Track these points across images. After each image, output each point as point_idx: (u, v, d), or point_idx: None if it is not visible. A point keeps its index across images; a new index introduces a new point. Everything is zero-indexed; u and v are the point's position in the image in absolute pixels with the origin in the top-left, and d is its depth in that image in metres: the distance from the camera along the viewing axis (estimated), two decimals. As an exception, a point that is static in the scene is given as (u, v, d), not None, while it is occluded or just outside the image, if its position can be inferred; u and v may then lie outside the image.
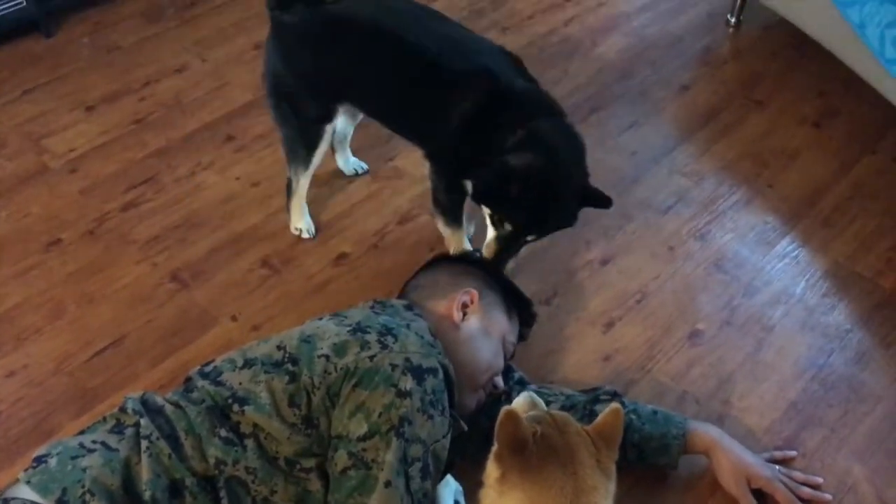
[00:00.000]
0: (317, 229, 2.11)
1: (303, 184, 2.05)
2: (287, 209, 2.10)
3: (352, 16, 1.84)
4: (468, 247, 1.97)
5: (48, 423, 1.73)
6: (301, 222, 2.11)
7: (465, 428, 1.45)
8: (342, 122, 2.12)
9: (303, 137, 1.98)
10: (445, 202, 1.91)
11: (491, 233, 1.79)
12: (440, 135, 1.80)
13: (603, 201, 1.75)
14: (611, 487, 1.25)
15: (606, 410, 1.29)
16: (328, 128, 1.96)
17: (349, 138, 2.22)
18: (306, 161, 2.00)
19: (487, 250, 1.79)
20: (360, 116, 2.11)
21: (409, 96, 1.85)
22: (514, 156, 1.69)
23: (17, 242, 2.10)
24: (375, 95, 1.92)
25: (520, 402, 1.36)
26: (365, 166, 2.28)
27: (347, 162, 2.27)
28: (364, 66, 1.86)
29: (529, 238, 1.78)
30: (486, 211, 1.76)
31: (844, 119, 2.42)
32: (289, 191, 2.07)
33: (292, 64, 1.90)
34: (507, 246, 1.78)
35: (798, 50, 2.65)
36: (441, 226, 1.96)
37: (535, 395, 1.38)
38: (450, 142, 1.79)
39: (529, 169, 1.67)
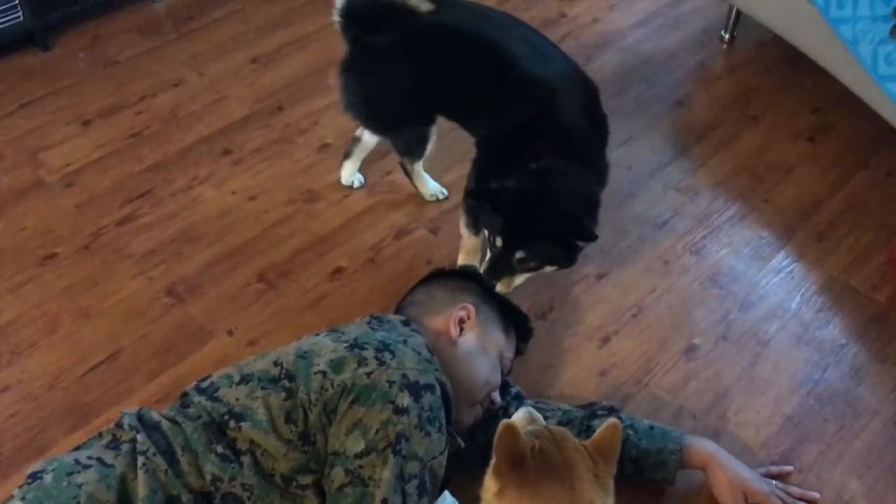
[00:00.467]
0: (314, 243, 2.11)
1: (417, 167, 2.15)
2: (414, 187, 2.21)
3: (450, 25, 1.88)
4: (475, 259, 1.99)
5: (42, 438, 1.72)
6: (428, 189, 2.22)
7: (462, 445, 1.45)
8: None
9: (412, 142, 2.06)
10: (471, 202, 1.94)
11: (491, 250, 1.81)
12: (493, 128, 1.88)
13: (588, 237, 1.78)
14: (608, 502, 1.25)
15: (604, 426, 1.30)
16: (433, 128, 2.02)
17: (370, 151, 2.23)
18: (420, 155, 2.09)
19: (483, 268, 1.81)
20: None
21: (486, 95, 1.89)
22: (522, 181, 1.76)
23: (12, 256, 2.10)
24: (463, 98, 1.95)
25: (519, 416, 1.36)
26: (363, 180, 2.29)
27: (354, 172, 2.27)
28: (459, 72, 1.89)
29: (518, 256, 1.78)
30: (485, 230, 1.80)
31: (838, 134, 2.44)
32: (406, 173, 2.18)
33: (388, 82, 1.94)
34: (497, 262, 1.79)
35: (792, 66, 2.67)
36: (462, 226, 2.00)
37: (533, 411, 1.38)
38: (497, 139, 1.87)
39: (525, 193, 1.76)
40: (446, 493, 1.51)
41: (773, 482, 1.56)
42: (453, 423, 1.43)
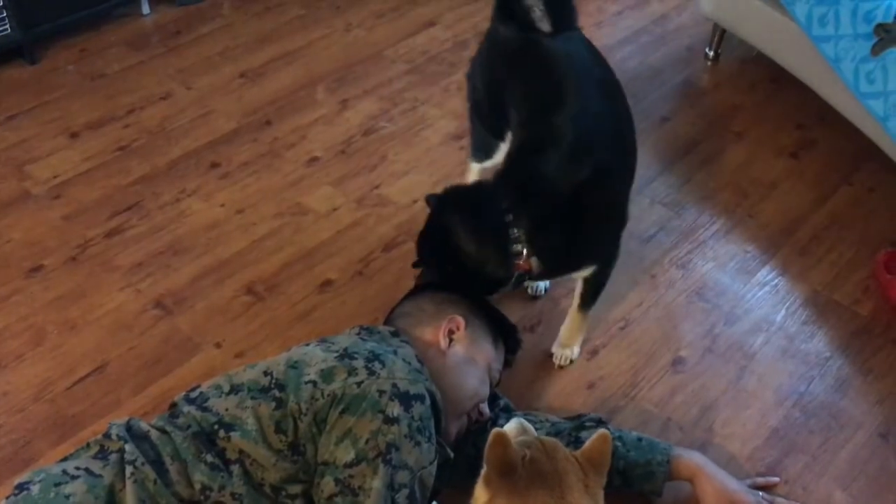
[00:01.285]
0: (302, 256, 2.11)
1: (473, 168, 2.07)
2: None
3: (545, 49, 1.75)
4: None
5: (28, 450, 1.71)
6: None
7: (452, 455, 1.45)
8: None
9: (480, 140, 2.00)
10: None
11: None
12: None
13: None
14: None
15: (595, 436, 1.30)
16: (502, 145, 1.88)
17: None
18: (478, 160, 2.02)
19: None
20: None
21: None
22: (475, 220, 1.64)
23: (-2, 268, 2.09)
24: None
25: (511, 427, 1.36)
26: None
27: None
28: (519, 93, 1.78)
29: None
30: None
31: (821, 150, 2.47)
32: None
33: (488, 73, 1.90)
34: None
35: (775, 83, 2.71)
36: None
37: (525, 422, 1.39)
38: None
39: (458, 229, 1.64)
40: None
41: (760, 493, 1.58)
42: (441, 434, 1.43)
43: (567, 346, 1.88)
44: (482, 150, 2.00)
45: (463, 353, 1.56)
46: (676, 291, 2.05)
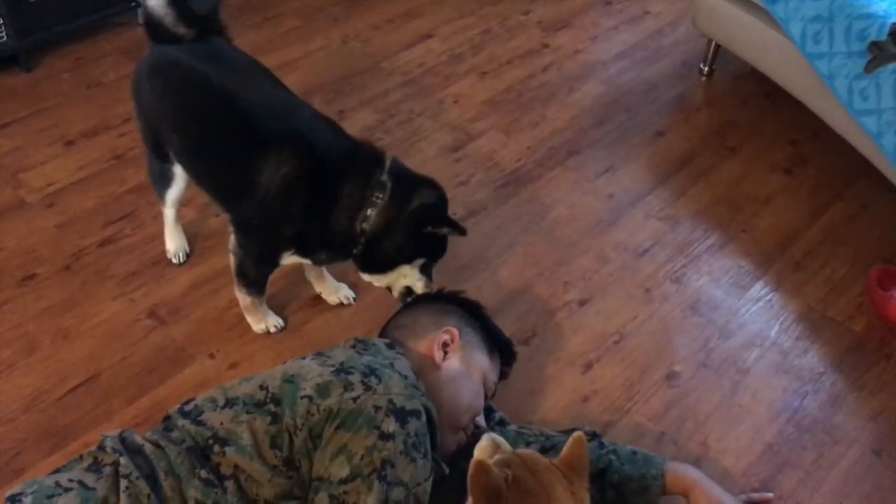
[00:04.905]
0: (296, 269, 2.10)
1: (166, 213, 2.08)
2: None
3: (179, 60, 1.79)
4: (272, 316, 1.96)
5: (19, 461, 1.69)
6: (169, 244, 2.13)
7: (447, 471, 1.45)
8: None
9: (154, 173, 2.01)
10: (255, 276, 1.86)
11: (419, 280, 1.80)
12: (251, 201, 1.71)
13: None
14: None
15: (570, 441, 1.30)
16: (175, 169, 1.93)
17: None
18: (161, 197, 2.03)
19: (429, 288, 1.80)
20: None
21: (215, 155, 1.79)
22: (414, 199, 1.71)
23: (-10, 277, 2.08)
24: (186, 146, 1.85)
25: (484, 447, 1.35)
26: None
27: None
28: (177, 113, 1.81)
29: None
30: (417, 264, 1.77)
31: (814, 166, 2.49)
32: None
33: (138, 100, 1.91)
34: (430, 275, 1.82)
35: (769, 99, 2.73)
36: (242, 295, 1.90)
37: (497, 437, 1.37)
38: (263, 211, 1.72)
39: (439, 196, 1.76)
40: (429, 520, 1.51)
41: (754, 509, 1.58)
42: (437, 449, 1.43)
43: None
44: (160, 179, 2.01)
45: (458, 365, 1.56)
46: (671, 305, 2.06)
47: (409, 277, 1.80)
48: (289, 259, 1.80)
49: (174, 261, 2.11)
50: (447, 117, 2.64)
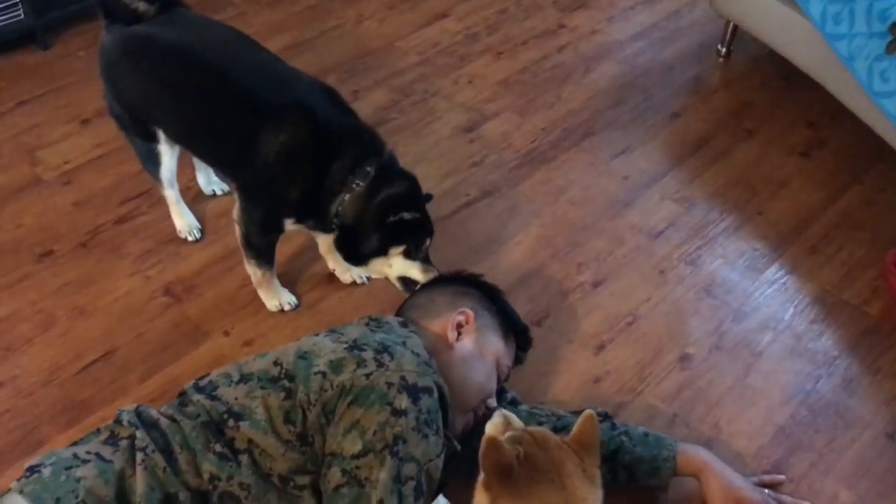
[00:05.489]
0: (310, 247, 2.11)
1: (167, 195, 2.09)
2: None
3: (156, 37, 1.82)
4: (285, 293, 1.97)
5: (36, 434, 1.72)
6: (178, 223, 2.14)
7: (458, 448, 1.45)
8: None
9: (144, 156, 2.02)
10: (260, 244, 1.88)
11: (411, 266, 1.82)
12: (253, 168, 1.76)
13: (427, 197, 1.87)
14: (599, 494, 1.26)
15: (581, 419, 1.31)
16: (160, 148, 1.96)
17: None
18: (156, 177, 2.04)
19: (427, 275, 1.81)
20: None
21: (217, 125, 1.82)
22: (384, 190, 1.74)
23: (8, 253, 2.10)
24: (181, 121, 1.88)
25: (496, 423, 1.36)
26: (226, 188, 2.26)
27: (209, 181, 2.26)
28: (168, 91, 1.84)
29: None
30: (396, 252, 1.79)
31: (832, 149, 2.46)
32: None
33: (111, 84, 1.92)
34: (429, 260, 1.84)
35: (787, 81, 2.70)
36: (252, 268, 1.92)
37: (509, 413, 1.38)
38: (266, 177, 1.76)
39: (411, 186, 1.78)
40: (441, 497, 1.52)
41: (766, 491, 1.57)
42: (448, 427, 1.43)
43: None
44: (150, 161, 2.02)
45: (471, 346, 1.56)
46: (685, 288, 2.05)
47: (395, 267, 1.81)
48: (291, 226, 1.82)
49: (188, 238, 2.12)
50: (461, 97, 2.64)
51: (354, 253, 1.82)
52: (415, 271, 1.82)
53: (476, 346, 1.56)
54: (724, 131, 2.53)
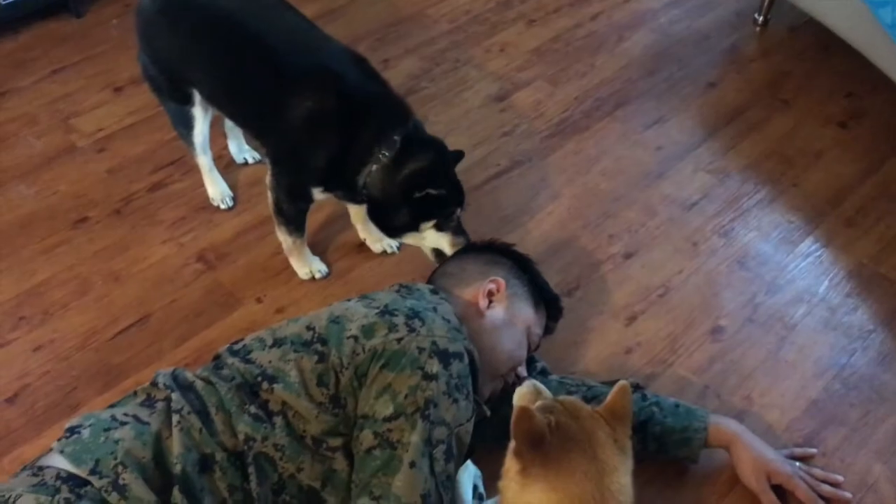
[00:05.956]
0: (341, 215, 2.12)
1: (201, 161, 2.09)
2: None
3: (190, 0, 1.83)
4: (316, 262, 1.97)
5: (74, 397, 1.75)
6: (212, 191, 2.15)
7: (488, 413, 1.46)
8: None
9: (177, 120, 2.02)
10: (290, 211, 1.88)
11: (442, 238, 1.80)
12: (280, 134, 1.77)
13: (459, 154, 1.85)
14: (629, 464, 1.26)
15: (614, 389, 1.30)
16: (194, 111, 1.96)
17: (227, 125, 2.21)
18: (190, 142, 2.04)
19: (457, 247, 1.79)
20: None
21: (248, 88, 1.82)
22: (410, 163, 1.72)
23: (45, 219, 2.13)
24: (216, 83, 1.89)
25: (524, 393, 1.35)
26: (258, 156, 2.26)
27: (240, 150, 2.26)
28: (203, 51, 1.85)
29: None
30: (428, 225, 1.78)
31: (871, 120, 2.41)
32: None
33: (148, 46, 1.92)
34: (463, 231, 1.81)
35: (826, 50, 2.64)
36: (283, 235, 1.93)
37: (538, 383, 1.37)
38: (292, 143, 1.77)
39: (437, 158, 1.75)
40: (469, 462, 1.52)
41: (797, 464, 1.57)
42: (478, 392, 1.44)
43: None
44: (182, 125, 2.01)
45: (502, 314, 1.56)
46: (718, 260, 2.03)
47: (428, 240, 1.81)
48: (320, 195, 1.83)
49: (221, 206, 2.14)
50: (493, 66, 2.61)
51: (387, 225, 1.82)
52: (444, 244, 1.81)
53: (507, 315, 1.56)
54: (759, 102, 2.49)
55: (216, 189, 2.14)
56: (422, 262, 1.93)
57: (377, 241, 2.04)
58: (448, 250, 1.81)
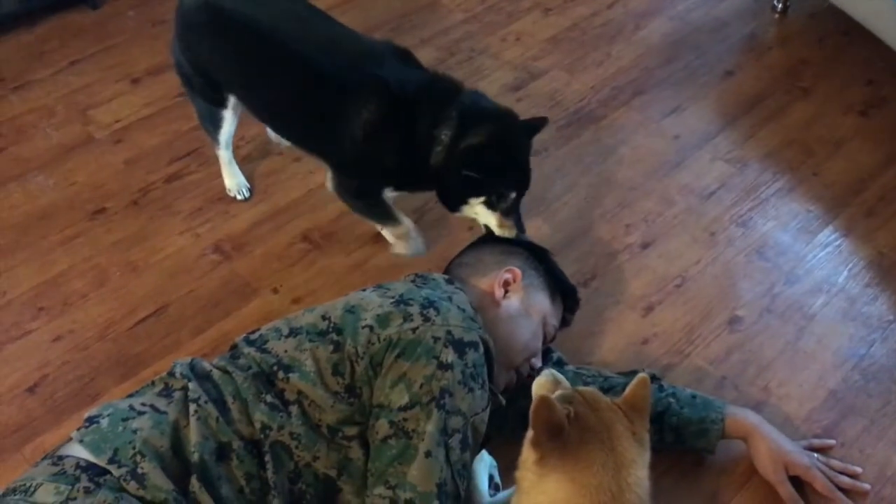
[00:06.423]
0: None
1: (222, 154, 2.10)
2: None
3: (236, 11, 1.81)
4: (415, 233, 1.96)
5: (93, 387, 1.77)
6: (229, 183, 2.15)
7: (503, 403, 1.46)
8: None
9: (206, 116, 2.02)
10: (365, 207, 1.91)
11: (492, 217, 1.78)
12: (340, 147, 1.78)
13: (541, 121, 1.82)
14: (647, 457, 1.25)
15: (634, 381, 1.30)
16: (225, 112, 1.97)
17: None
18: (215, 137, 2.05)
19: (503, 230, 1.78)
20: None
21: (301, 109, 1.83)
22: (469, 138, 1.70)
23: (63, 210, 2.14)
24: (260, 99, 1.91)
25: (543, 383, 1.35)
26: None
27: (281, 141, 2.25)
28: (246, 67, 1.85)
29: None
30: (477, 202, 1.76)
31: (892, 108, 2.38)
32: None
33: (186, 47, 1.91)
34: (517, 216, 1.79)
35: (846, 37, 2.61)
36: (383, 231, 1.96)
37: (557, 373, 1.37)
38: (354, 154, 1.77)
39: (495, 134, 1.71)
40: (484, 452, 1.53)
41: (815, 455, 1.56)
42: (493, 382, 1.44)
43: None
44: (210, 122, 2.02)
45: (517, 305, 1.56)
46: (735, 250, 2.01)
47: (480, 216, 1.80)
48: (390, 194, 1.84)
49: (237, 197, 2.14)
50: (509, 55, 2.60)
51: (442, 198, 1.82)
52: (492, 222, 1.79)
53: (522, 305, 1.56)
54: (778, 90, 2.46)
55: (234, 181, 2.15)
56: (438, 254, 1.93)
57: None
58: (496, 231, 1.79)
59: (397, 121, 1.72)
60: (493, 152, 1.72)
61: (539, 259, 1.66)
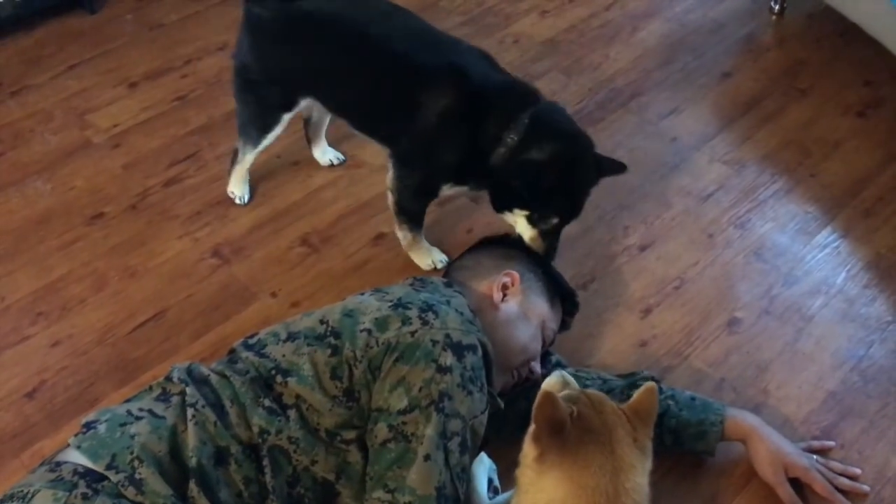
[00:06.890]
0: (357, 208, 2.12)
1: (248, 158, 2.08)
2: (229, 172, 2.13)
3: (320, 12, 1.83)
4: (436, 252, 1.96)
5: (92, 392, 1.76)
6: (238, 189, 2.14)
7: (502, 406, 1.46)
8: (318, 112, 2.11)
9: (258, 120, 2.00)
10: (413, 208, 1.89)
11: (528, 231, 1.77)
12: (411, 136, 1.78)
13: (618, 167, 1.80)
14: (647, 465, 1.25)
15: (641, 389, 1.30)
16: (286, 116, 1.97)
17: (325, 128, 2.21)
18: (256, 142, 2.03)
19: (532, 244, 1.77)
20: None
21: (375, 95, 1.84)
22: (532, 150, 1.70)
23: (61, 215, 2.14)
24: (341, 93, 1.91)
25: (553, 381, 1.36)
26: (342, 157, 2.26)
27: (324, 153, 2.26)
28: (330, 64, 1.85)
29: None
30: (520, 213, 1.76)
31: (890, 109, 2.38)
32: (234, 159, 2.10)
33: (259, 55, 1.91)
34: (553, 239, 1.78)
35: (843, 38, 2.61)
36: (404, 232, 1.94)
37: (567, 375, 1.38)
38: (425, 142, 1.78)
39: (557, 157, 1.69)
40: (483, 455, 1.53)
41: (814, 457, 1.56)
42: (492, 385, 1.44)
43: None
44: (259, 127, 1.99)
45: (516, 308, 1.56)
46: (734, 251, 2.02)
47: (519, 227, 1.79)
48: (448, 190, 1.84)
49: (237, 201, 2.14)
50: (507, 58, 2.60)
51: (494, 198, 1.82)
52: (527, 236, 1.78)
53: (521, 308, 1.56)
54: (776, 91, 2.47)
55: (242, 188, 2.14)
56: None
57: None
58: (527, 241, 1.79)
59: (471, 114, 1.73)
60: (550, 173, 1.70)
61: (537, 262, 1.66)
